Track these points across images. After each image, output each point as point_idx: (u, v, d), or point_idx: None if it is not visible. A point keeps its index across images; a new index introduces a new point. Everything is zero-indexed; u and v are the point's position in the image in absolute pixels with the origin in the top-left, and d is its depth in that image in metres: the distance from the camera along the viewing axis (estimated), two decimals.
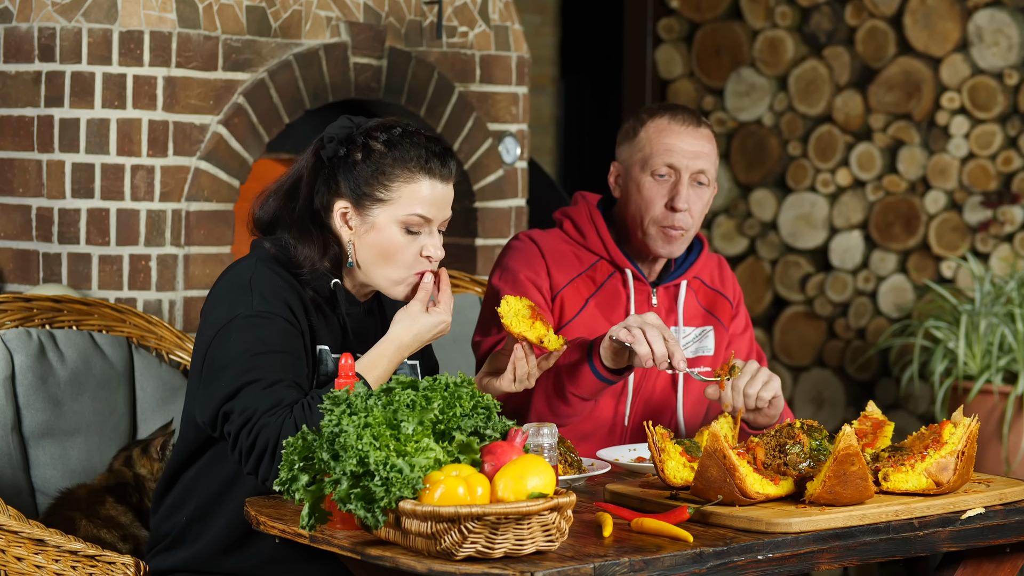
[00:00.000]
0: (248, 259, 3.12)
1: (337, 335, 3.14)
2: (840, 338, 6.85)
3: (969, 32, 6.54)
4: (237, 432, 2.92)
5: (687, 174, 3.55)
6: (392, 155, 3.08)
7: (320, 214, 3.13)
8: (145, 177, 4.46)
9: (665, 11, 7.19)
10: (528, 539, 2.54)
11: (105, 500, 3.41)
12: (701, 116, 3.63)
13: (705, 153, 3.58)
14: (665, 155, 3.55)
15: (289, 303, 3.04)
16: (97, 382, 3.53)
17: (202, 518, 3.11)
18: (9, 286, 4.56)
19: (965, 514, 2.93)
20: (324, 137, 3.14)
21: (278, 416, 2.89)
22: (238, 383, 2.93)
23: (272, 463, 2.88)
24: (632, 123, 3.64)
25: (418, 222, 3.09)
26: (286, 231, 3.13)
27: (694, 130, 3.58)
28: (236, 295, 3.04)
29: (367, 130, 3.12)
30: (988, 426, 6.04)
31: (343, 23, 4.87)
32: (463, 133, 5.20)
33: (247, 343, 2.97)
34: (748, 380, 3.30)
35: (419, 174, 3.08)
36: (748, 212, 7.02)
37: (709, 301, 3.70)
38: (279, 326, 3.01)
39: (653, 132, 3.59)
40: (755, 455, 2.91)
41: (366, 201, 3.09)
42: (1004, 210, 6.48)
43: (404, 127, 3.12)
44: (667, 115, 3.60)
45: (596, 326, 3.57)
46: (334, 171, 3.11)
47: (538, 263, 3.59)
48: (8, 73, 4.53)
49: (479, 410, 2.68)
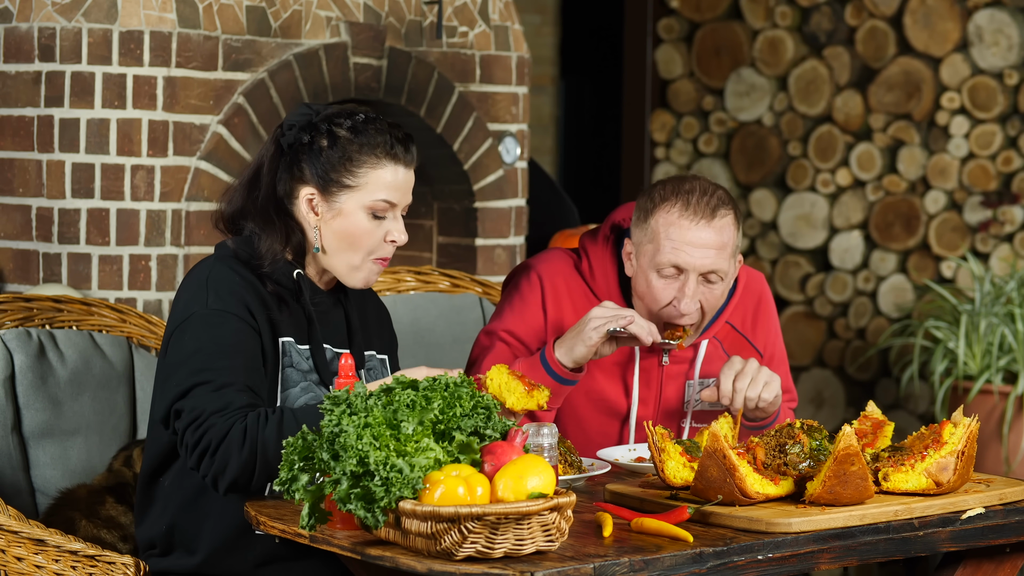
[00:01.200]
0: (208, 259, 3.14)
1: (303, 326, 3.14)
2: (840, 338, 6.85)
3: (969, 32, 6.54)
4: (184, 429, 2.94)
5: (694, 275, 3.32)
6: (358, 141, 3.09)
7: (283, 201, 3.13)
8: (145, 177, 4.46)
9: (665, 11, 7.19)
10: (528, 539, 2.54)
11: (105, 500, 3.41)
12: (720, 204, 3.33)
13: (717, 251, 3.31)
14: (671, 254, 3.31)
15: (246, 301, 3.05)
16: (97, 382, 3.53)
17: (186, 524, 3.11)
18: (9, 286, 4.56)
19: (965, 514, 2.93)
20: (284, 124, 3.14)
21: (226, 418, 2.91)
22: (190, 382, 2.95)
23: (212, 461, 2.90)
24: (645, 202, 3.37)
25: (384, 207, 3.10)
26: (251, 221, 3.13)
27: (706, 225, 3.30)
28: (193, 294, 3.06)
29: (329, 117, 3.12)
30: (988, 426, 6.05)
31: (343, 23, 4.87)
32: (463, 133, 5.20)
33: (200, 342, 2.99)
34: (749, 381, 3.30)
35: (385, 160, 3.09)
36: (748, 212, 7.02)
37: (736, 348, 3.53)
38: (233, 325, 3.01)
39: (662, 224, 3.32)
40: (755, 455, 2.91)
41: (333, 187, 3.09)
42: (1004, 210, 6.48)
43: (366, 114, 3.13)
44: (679, 205, 3.32)
45: (592, 383, 3.45)
46: (297, 158, 3.11)
47: (537, 306, 3.47)
48: (8, 73, 4.53)
49: (479, 410, 2.68)
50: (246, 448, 2.88)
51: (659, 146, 7.20)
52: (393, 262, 5.40)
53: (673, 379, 3.51)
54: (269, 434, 2.88)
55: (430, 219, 5.37)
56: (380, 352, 3.30)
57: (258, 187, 3.14)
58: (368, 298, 3.34)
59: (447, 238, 5.35)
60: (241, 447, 2.88)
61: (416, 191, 5.44)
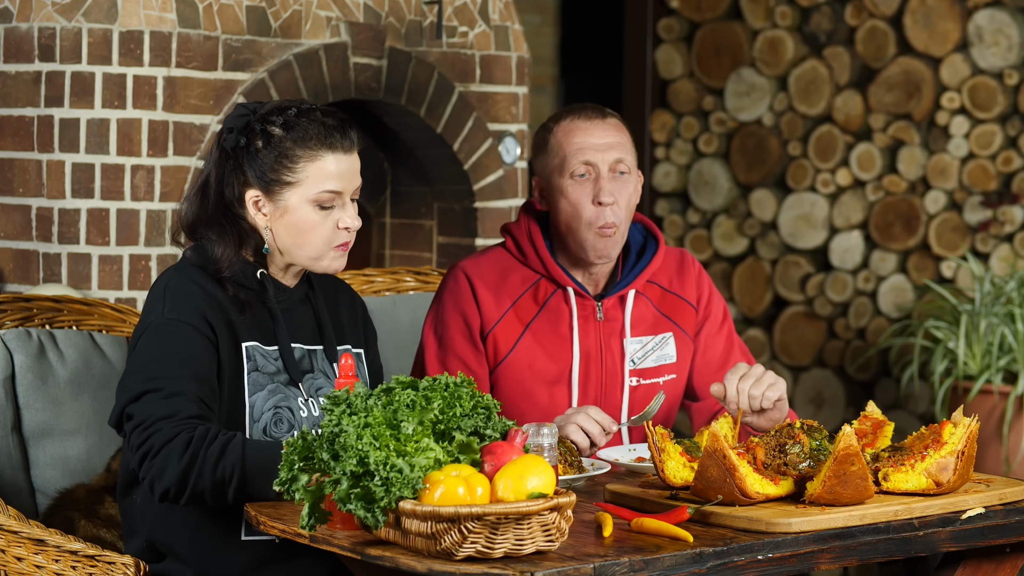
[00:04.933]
0: (170, 268, 3.16)
1: (268, 326, 3.14)
2: (840, 338, 6.85)
3: (969, 32, 6.54)
4: (132, 431, 2.96)
5: (605, 167, 3.50)
6: (291, 137, 3.09)
7: (233, 205, 3.14)
8: (145, 177, 4.46)
9: (665, 11, 7.19)
10: (528, 539, 2.54)
11: (104, 499, 3.41)
12: (605, 109, 3.57)
13: (618, 143, 3.52)
14: (579, 154, 3.50)
15: (202, 310, 3.06)
16: (97, 382, 3.53)
17: (162, 538, 3.11)
18: (9, 286, 4.56)
19: (965, 514, 2.93)
20: (224, 128, 3.15)
21: (173, 425, 2.92)
22: (141, 388, 2.97)
23: (151, 465, 2.91)
24: (541, 133, 3.59)
25: (329, 197, 3.10)
26: (206, 229, 3.14)
27: (601, 122, 3.53)
28: (151, 304, 3.09)
29: (263, 116, 3.12)
30: (988, 426, 6.04)
31: (343, 23, 4.87)
32: (463, 133, 5.20)
33: (153, 351, 3.01)
34: (753, 382, 3.29)
35: (321, 151, 3.09)
36: (748, 212, 7.01)
37: (668, 306, 3.63)
38: (187, 335, 3.03)
39: (562, 135, 3.53)
40: (755, 455, 2.91)
41: (275, 187, 3.10)
42: (1004, 210, 6.48)
43: (299, 106, 3.12)
44: (571, 115, 3.55)
45: (533, 359, 3.54)
46: (239, 161, 3.12)
47: (467, 302, 3.55)
48: (8, 73, 4.53)
49: (479, 410, 2.68)
50: (186, 458, 2.89)
51: (659, 146, 7.20)
52: (393, 262, 5.40)
53: (609, 336, 3.57)
54: (212, 452, 2.90)
55: (430, 219, 5.37)
56: (355, 346, 3.30)
57: (208, 195, 3.15)
58: (341, 291, 3.34)
59: (447, 238, 5.35)
60: (181, 456, 2.90)
61: (416, 191, 5.46)
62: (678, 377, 3.61)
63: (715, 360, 3.64)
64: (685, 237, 7.16)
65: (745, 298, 7.05)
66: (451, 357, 3.54)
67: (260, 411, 3.08)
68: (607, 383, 3.55)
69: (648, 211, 7.18)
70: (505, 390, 3.54)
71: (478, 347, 3.54)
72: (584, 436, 3.31)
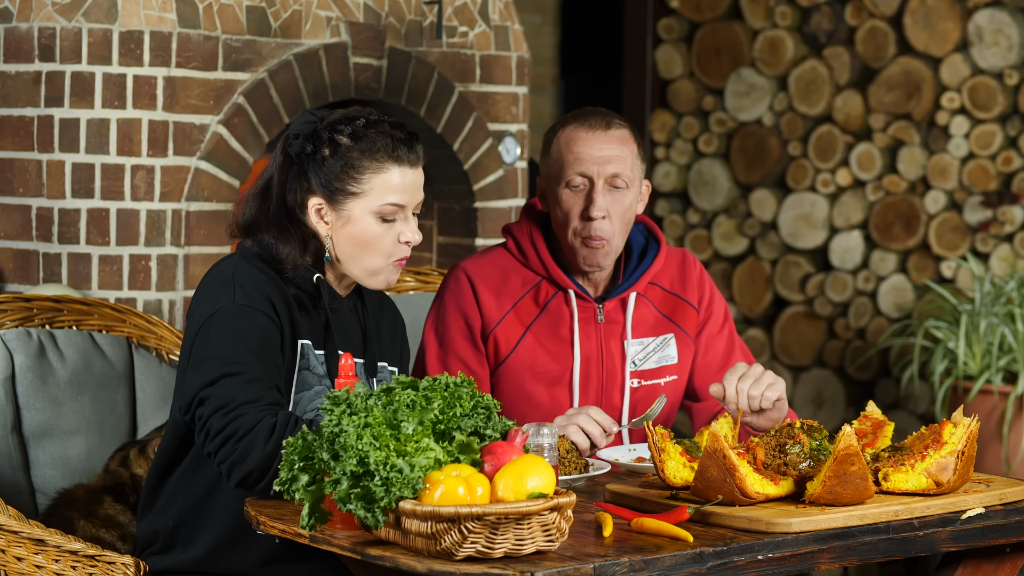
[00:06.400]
0: (232, 257, 3.13)
1: (320, 331, 3.14)
2: (840, 338, 6.85)
3: (969, 32, 6.54)
4: (210, 414, 2.90)
5: (601, 180, 3.44)
6: (359, 147, 3.08)
7: (295, 211, 3.13)
8: (145, 177, 4.46)
9: (665, 11, 7.19)
10: (528, 539, 2.54)
11: (103, 500, 3.41)
12: (613, 118, 3.51)
13: (617, 156, 3.46)
14: (576, 164, 3.45)
15: (271, 298, 3.05)
16: (97, 382, 3.53)
17: (189, 522, 3.11)
18: (9, 286, 4.56)
19: (965, 514, 2.93)
20: (290, 134, 3.14)
21: (257, 410, 2.89)
22: (219, 372, 2.93)
23: (234, 449, 2.86)
24: (548, 136, 3.56)
25: (392, 210, 3.09)
26: (265, 232, 3.13)
27: (603, 134, 3.47)
28: (218, 291, 3.05)
29: (331, 124, 3.11)
30: (988, 426, 6.05)
31: (343, 23, 4.87)
32: (463, 133, 5.20)
33: (229, 336, 2.97)
34: (752, 382, 3.29)
35: (388, 163, 3.08)
36: (748, 212, 7.02)
37: (669, 307, 3.62)
38: (260, 322, 3.01)
39: (563, 143, 3.49)
40: (755, 455, 2.91)
41: (339, 196, 3.09)
42: (1004, 210, 6.48)
43: (367, 117, 3.11)
44: (576, 123, 3.49)
45: (534, 360, 3.54)
46: (303, 168, 3.11)
47: (468, 302, 3.54)
48: (8, 73, 4.53)
49: (479, 410, 2.68)
50: (271, 443, 2.85)
51: (659, 146, 7.20)
52: None
53: (610, 339, 3.56)
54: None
55: (430, 219, 5.37)
56: (391, 364, 3.30)
57: (269, 198, 3.14)
58: (385, 307, 3.34)
59: (447, 238, 5.35)
60: (266, 441, 2.85)
61: None
62: (679, 378, 3.61)
63: (716, 361, 3.64)
64: (685, 237, 7.16)
65: (745, 298, 7.05)
66: (452, 357, 3.54)
67: (303, 410, 3.08)
68: (607, 384, 3.55)
69: (648, 211, 7.18)
70: (506, 391, 3.54)
71: (479, 347, 3.54)
72: (584, 437, 3.31)
